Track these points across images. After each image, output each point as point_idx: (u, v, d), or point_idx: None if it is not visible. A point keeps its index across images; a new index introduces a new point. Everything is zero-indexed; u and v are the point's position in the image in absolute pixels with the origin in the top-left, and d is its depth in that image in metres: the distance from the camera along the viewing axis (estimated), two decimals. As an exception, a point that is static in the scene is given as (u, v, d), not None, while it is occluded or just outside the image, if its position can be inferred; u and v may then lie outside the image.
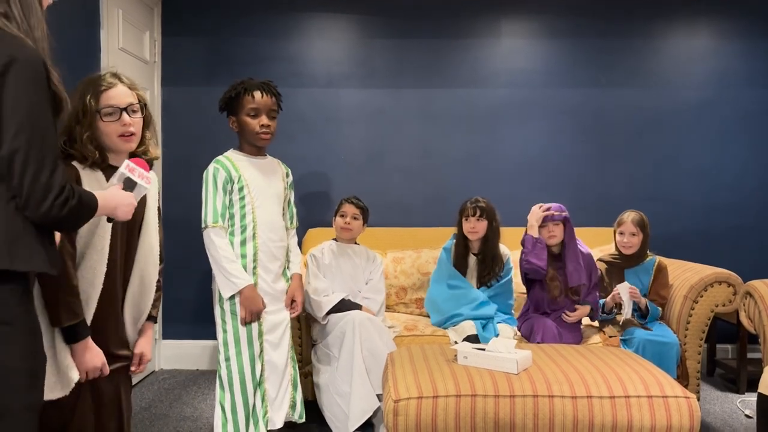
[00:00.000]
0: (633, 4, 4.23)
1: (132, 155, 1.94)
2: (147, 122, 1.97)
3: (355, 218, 3.35)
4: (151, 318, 2.06)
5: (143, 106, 1.94)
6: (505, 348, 2.37)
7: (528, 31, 4.24)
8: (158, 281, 2.05)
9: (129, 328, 1.98)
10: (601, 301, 3.32)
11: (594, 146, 4.26)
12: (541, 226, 3.24)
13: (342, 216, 3.36)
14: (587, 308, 3.22)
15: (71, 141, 1.82)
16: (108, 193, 1.63)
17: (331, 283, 3.27)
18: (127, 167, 1.74)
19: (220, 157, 2.80)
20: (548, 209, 3.24)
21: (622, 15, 4.23)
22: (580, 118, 4.26)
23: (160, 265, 2.06)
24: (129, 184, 1.74)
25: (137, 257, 1.96)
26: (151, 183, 1.80)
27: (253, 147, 2.82)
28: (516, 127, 4.25)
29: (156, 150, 2.02)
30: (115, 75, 1.92)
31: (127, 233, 1.94)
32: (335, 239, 3.42)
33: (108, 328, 1.89)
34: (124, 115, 1.86)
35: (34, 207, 1.38)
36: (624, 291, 3.15)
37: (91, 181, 1.82)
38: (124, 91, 1.89)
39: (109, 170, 1.88)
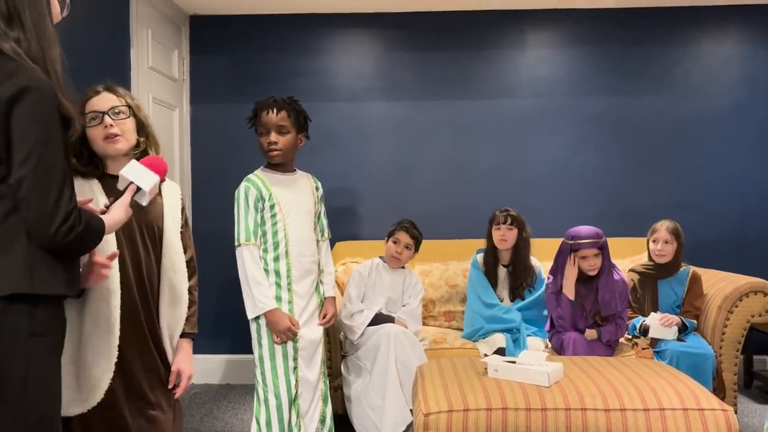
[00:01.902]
0: (658, 11, 4.19)
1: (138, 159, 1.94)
2: (141, 127, 1.96)
3: (407, 248, 3.32)
4: (188, 335, 2.04)
5: (132, 110, 1.94)
6: (536, 360, 2.34)
7: (553, 40, 4.23)
8: (192, 294, 2.05)
9: (166, 346, 1.97)
10: (636, 322, 3.26)
11: (623, 155, 4.22)
12: (581, 258, 3.16)
13: (395, 243, 3.33)
14: (593, 333, 3.17)
15: None
16: (115, 216, 1.63)
17: (368, 302, 3.26)
18: (128, 169, 1.73)
19: (250, 176, 2.83)
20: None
21: (647, 22, 4.20)
22: (607, 127, 4.22)
23: (192, 277, 2.06)
24: (125, 183, 1.72)
25: (163, 268, 1.96)
26: (153, 181, 1.74)
27: (275, 164, 2.85)
28: (543, 138, 4.23)
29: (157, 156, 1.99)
30: (105, 86, 1.94)
31: (150, 245, 1.93)
32: (382, 258, 3.41)
33: (136, 348, 1.88)
34: (106, 117, 1.87)
35: (39, 234, 1.39)
36: (656, 329, 3.12)
37: (84, 189, 1.83)
38: (107, 97, 1.91)
39: (105, 179, 1.89)
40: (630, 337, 3.30)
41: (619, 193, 4.21)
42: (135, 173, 1.72)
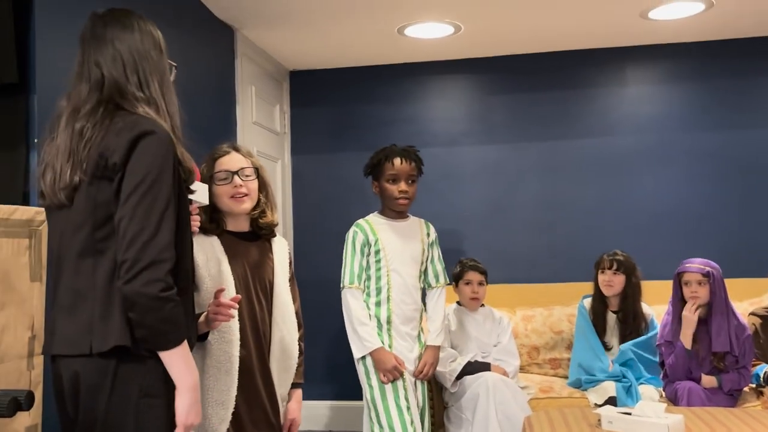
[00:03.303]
0: (765, 40, 4.00)
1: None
2: (262, 186, 2.06)
3: (480, 284, 3.29)
4: (296, 385, 2.10)
5: (257, 171, 2.04)
6: (654, 412, 2.22)
7: (655, 76, 4.11)
8: (299, 346, 2.10)
9: (277, 395, 2.02)
10: (759, 370, 3.03)
11: (735, 192, 4.00)
12: (683, 284, 3.03)
13: (468, 284, 3.28)
14: (713, 380, 2.97)
15: None
16: (193, 364, 1.44)
17: (459, 349, 3.22)
18: None
19: (360, 221, 2.89)
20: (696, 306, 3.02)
21: (755, 53, 4.01)
22: (717, 162, 4.02)
23: (299, 329, 2.11)
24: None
25: (274, 321, 2.01)
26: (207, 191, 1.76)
27: (393, 211, 2.88)
28: (648, 175, 4.08)
29: (273, 214, 2.08)
30: (231, 145, 2.06)
31: (263, 298, 2.00)
32: (459, 303, 3.37)
33: (250, 398, 1.93)
34: (236, 177, 1.96)
35: (122, 272, 1.33)
36: None
37: (204, 245, 1.92)
38: (237, 158, 2.01)
39: (225, 236, 1.97)
40: (754, 386, 3.07)
41: (734, 231, 3.98)
42: (196, 192, 1.67)
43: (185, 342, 1.40)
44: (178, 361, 1.39)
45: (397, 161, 2.82)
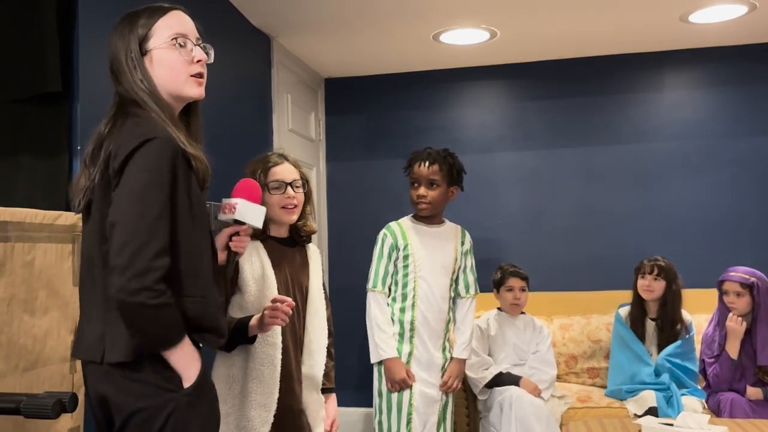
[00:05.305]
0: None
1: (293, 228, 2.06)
2: (308, 197, 2.10)
3: (522, 290, 3.27)
4: (329, 390, 2.15)
5: (305, 182, 2.08)
6: (697, 423, 2.17)
7: (695, 80, 4.03)
8: (329, 352, 2.15)
9: (305, 396, 2.03)
10: None
11: (779, 198, 3.90)
12: (723, 292, 2.96)
13: (509, 290, 3.28)
14: (758, 392, 2.89)
15: None
16: (195, 358, 1.43)
17: (496, 354, 3.19)
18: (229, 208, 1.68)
19: (392, 223, 2.89)
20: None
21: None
22: (760, 168, 3.92)
23: (330, 336, 2.15)
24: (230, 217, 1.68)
25: (308, 323, 2.05)
26: (262, 215, 1.71)
27: (421, 216, 2.88)
28: (688, 182, 4.00)
29: (314, 223, 2.14)
30: (282, 155, 2.09)
31: (299, 302, 2.03)
32: (499, 308, 3.34)
33: (286, 398, 1.95)
34: (289, 188, 2.00)
35: (113, 279, 1.31)
36: None
37: (250, 250, 1.94)
38: (289, 168, 2.05)
39: (269, 241, 2.01)
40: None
41: (778, 239, 3.88)
42: (249, 214, 1.68)
43: (184, 340, 1.40)
44: (178, 359, 1.40)
45: (416, 165, 2.82)
